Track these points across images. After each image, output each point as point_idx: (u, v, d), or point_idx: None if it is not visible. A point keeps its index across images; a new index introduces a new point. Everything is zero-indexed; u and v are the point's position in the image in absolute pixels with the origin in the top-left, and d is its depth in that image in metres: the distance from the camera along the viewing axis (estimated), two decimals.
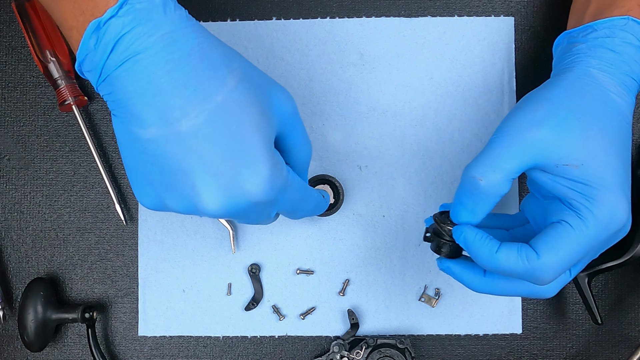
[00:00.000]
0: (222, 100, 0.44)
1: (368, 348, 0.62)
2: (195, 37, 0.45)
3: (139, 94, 0.43)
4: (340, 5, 0.66)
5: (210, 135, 0.44)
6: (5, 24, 0.66)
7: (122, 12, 0.43)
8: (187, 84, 0.43)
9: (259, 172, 0.45)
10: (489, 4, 0.65)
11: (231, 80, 0.45)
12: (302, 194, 0.51)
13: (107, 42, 0.43)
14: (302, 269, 0.65)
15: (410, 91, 0.65)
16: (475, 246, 0.49)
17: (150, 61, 0.43)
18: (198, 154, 0.44)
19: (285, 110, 0.50)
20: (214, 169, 0.44)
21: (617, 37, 0.52)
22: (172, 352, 0.65)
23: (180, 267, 0.65)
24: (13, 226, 0.66)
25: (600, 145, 0.48)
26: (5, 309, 0.65)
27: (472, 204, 0.49)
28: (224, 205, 0.45)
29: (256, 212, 0.48)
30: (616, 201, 0.47)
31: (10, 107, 0.66)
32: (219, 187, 0.45)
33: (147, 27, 0.43)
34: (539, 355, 0.65)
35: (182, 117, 0.43)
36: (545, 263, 0.47)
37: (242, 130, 0.45)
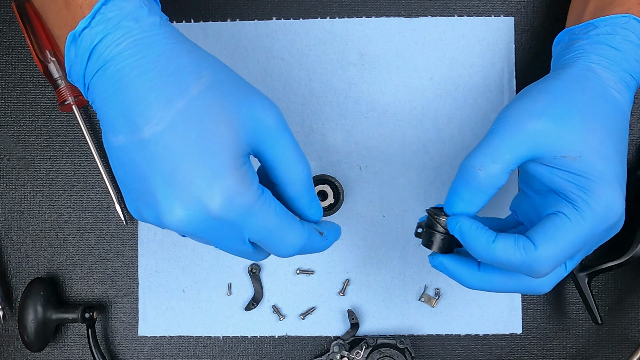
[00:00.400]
0: (183, 107, 0.43)
1: (368, 348, 0.62)
2: (165, 44, 0.44)
3: (108, 101, 0.44)
4: (340, 5, 0.66)
5: (169, 144, 0.43)
6: (5, 24, 0.66)
7: (95, 22, 0.43)
8: (150, 90, 0.43)
9: (217, 184, 0.43)
10: (489, 4, 0.65)
11: (196, 87, 0.44)
12: (278, 221, 0.45)
13: (82, 52, 0.44)
14: (302, 269, 0.65)
15: (410, 91, 0.65)
16: (472, 236, 0.48)
17: (117, 68, 0.43)
18: (158, 163, 0.43)
19: (264, 122, 0.45)
20: (172, 179, 0.43)
21: (619, 35, 0.52)
22: (172, 352, 0.65)
23: (180, 267, 0.65)
24: (13, 226, 0.66)
25: (599, 139, 0.48)
26: (5, 309, 0.65)
27: (469, 195, 0.49)
28: (183, 218, 0.43)
29: (221, 232, 0.44)
30: (613, 194, 0.47)
31: (10, 107, 0.66)
32: (177, 199, 0.43)
33: (117, 35, 0.43)
34: (539, 355, 0.65)
35: (144, 124, 0.43)
36: (543, 254, 0.46)
37: (202, 139, 0.43)
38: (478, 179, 0.48)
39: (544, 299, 0.64)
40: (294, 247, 0.47)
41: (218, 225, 0.44)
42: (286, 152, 0.47)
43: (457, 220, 0.49)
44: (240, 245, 0.46)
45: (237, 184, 0.43)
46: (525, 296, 0.64)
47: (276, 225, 0.45)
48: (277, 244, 0.46)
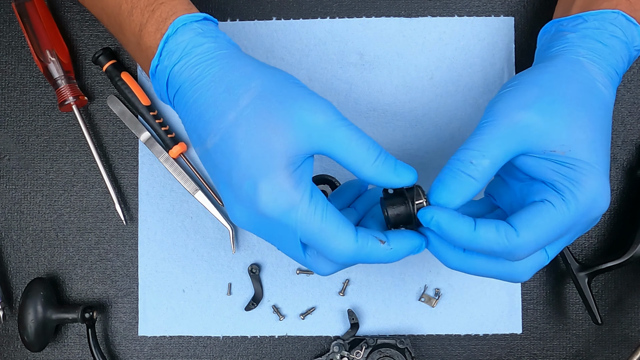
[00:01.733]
0: (233, 118, 0.47)
1: (368, 348, 0.62)
2: (218, 64, 0.49)
3: (184, 120, 0.51)
4: (340, 5, 0.66)
5: (224, 152, 0.47)
6: (5, 24, 0.66)
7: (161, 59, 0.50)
8: (208, 107, 0.48)
9: (261, 183, 0.46)
10: (489, 4, 0.65)
11: (244, 99, 0.47)
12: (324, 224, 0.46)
13: (161, 84, 0.51)
14: (302, 269, 0.65)
15: (410, 91, 0.65)
16: (451, 226, 0.47)
17: (183, 93, 0.50)
18: (219, 169, 0.48)
19: (314, 123, 0.47)
20: (230, 182, 0.47)
21: (607, 30, 0.52)
22: (172, 352, 0.65)
23: (180, 267, 0.65)
24: (13, 226, 0.66)
25: (586, 132, 0.48)
26: (5, 309, 0.65)
27: (457, 188, 0.48)
28: (241, 217, 0.48)
29: (275, 231, 0.47)
30: (600, 188, 0.47)
31: (10, 107, 0.66)
32: (234, 199, 0.48)
33: (179, 66, 0.50)
34: (539, 355, 0.65)
35: (206, 137, 0.48)
36: (524, 240, 0.46)
37: (250, 145, 0.47)
38: (468, 172, 0.48)
39: (544, 299, 0.65)
40: (343, 252, 0.47)
41: (269, 224, 0.47)
42: (344, 143, 0.47)
43: (431, 213, 0.47)
44: (294, 249, 0.48)
45: (281, 183, 0.46)
46: (525, 296, 0.64)
47: (322, 228, 0.46)
48: (325, 248, 0.47)
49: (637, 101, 0.65)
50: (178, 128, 0.66)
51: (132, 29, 0.52)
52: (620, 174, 0.65)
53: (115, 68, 0.64)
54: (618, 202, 0.65)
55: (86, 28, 0.66)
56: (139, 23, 0.51)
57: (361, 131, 0.48)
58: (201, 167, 0.65)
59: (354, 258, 0.47)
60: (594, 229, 0.65)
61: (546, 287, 0.65)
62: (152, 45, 0.51)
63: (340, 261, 0.47)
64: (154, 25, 0.50)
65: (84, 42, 0.66)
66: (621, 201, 0.65)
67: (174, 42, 0.50)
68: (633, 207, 0.64)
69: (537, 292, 0.65)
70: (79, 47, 0.66)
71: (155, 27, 0.50)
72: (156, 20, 0.50)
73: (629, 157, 0.65)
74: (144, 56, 0.52)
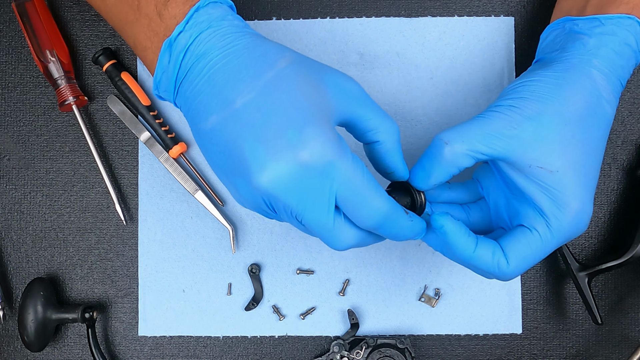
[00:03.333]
0: (272, 76, 0.46)
1: (368, 348, 0.62)
2: (250, 36, 0.49)
3: (201, 90, 0.48)
4: (340, 5, 0.66)
5: (260, 107, 0.45)
6: (5, 24, 0.66)
7: (188, 26, 0.48)
8: (241, 68, 0.47)
9: (308, 131, 0.44)
10: (489, 4, 0.65)
11: (282, 62, 0.47)
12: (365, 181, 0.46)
13: (177, 55, 0.49)
14: (302, 269, 0.65)
15: (411, 91, 0.65)
16: (455, 240, 0.49)
17: (209, 58, 0.48)
18: (249, 126, 0.45)
19: (350, 90, 0.48)
20: (263, 136, 0.45)
21: (621, 37, 0.52)
22: (172, 352, 0.65)
23: (180, 267, 0.65)
24: (13, 226, 0.66)
25: (578, 156, 0.49)
26: (5, 309, 0.65)
27: (429, 167, 0.50)
28: (273, 173, 0.44)
29: (309, 186, 0.45)
30: (583, 212, 0.49)
31: (10, 107, 0.66)
32: (267, 153, 0.44)
33: (208, 33, 0.48)
34: (539, 355, 0.65)
35: (236, 96, 0.46)
36: (513, 269, 0.49)
37: (293, 99, 0.45)
38: (442, 154, 0.49)
39: (544, 299, 0.65)
40: (379, 212, 0.46)
41: (308, 176, 0.45)
42: (375, 112, 0.49)
43: (443, 219, 0.49)
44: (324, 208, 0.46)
45: (327, 133, 0.45)
46: (526, 296, 0.64)
47: (364, 184, 0.46)
48: (363, 205, 0.46)
49: (637, 101, 0.65)
50: (178, 128, 0.66)
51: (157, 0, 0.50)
52: (620, 174, 0.65)
53: (115, 68, 0.64)
54: (618, 202, 0.65)
55: (86, 28, 0.66)
56: None
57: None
58: (201, 167, 0.65)
59: (385, 221, 0.47)
60: (594, 229, 0.65)
61: (546, 287, 0.65)
62: (178, 14, 0.49)
63: (372, 221, 0.47)
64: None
65: (84, 42, 0.66)
66: (621, 201, 0.65)
67: (205, 13, 0.49)
68: (633, 207, 0.64)
69: (537, 292, 0.65)
70: (79, 47, 0.66)
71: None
72: None
73: (629, 157, 0.65)
74: (162, 28, 0.49)
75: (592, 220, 0.65)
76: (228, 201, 0.65)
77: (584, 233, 0.64)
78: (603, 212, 0.65)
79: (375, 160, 0.52)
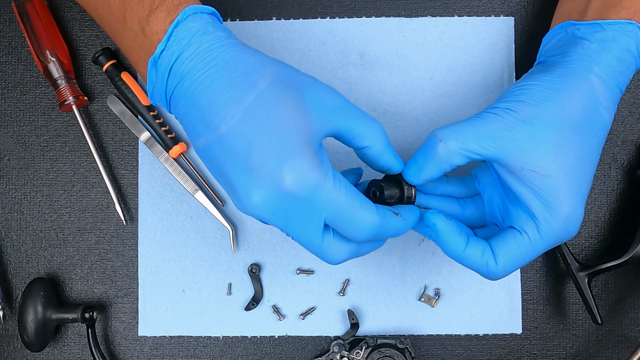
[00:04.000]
0: (253, 99, 0.47)
1: (368, 348, 0.62)
2: (231, 51, 0.49)
3: (188, 110, 0.48)
4: (340, 5, 0.66)
5: (243, 133, 0.46)
6: (5, 24, 0.66)
7: (169, 44, 0.49)
8: (223, 91, 0.47)
9: (289, 161, 0.45)
10: (489, 4, 0.65)
11: (263, 82, 0.47)
12: (350, 199, 0.47)
13: (162, 72, 0.49)
14: (302, 269, 0.65)
15: (410, 91, 0.65)
16: (447, 238, 0.51)
17: (192, 79, 0.48)
18: (235, 153, 0.46)
19: (330, 103, 0.49)
20: (248, 164, 0.46)
21: (622, 43, 0.52)
22: (172, 352, 0.65)
23: (180, 267, 0.65)
24: (13, 226, 0.66)
25: (571, 161, 0.50)
26: (5, 309, 0.65)
27: (422, 162, 0.51)
28: (260, 200, 0.46)
29: (296, 212, 0.46)
30: (574, 217, 0.50)
31: (10, 107, 0.66)
32: (253, 181, 0.46)
33: (189, 51, 0.48)
34: (539, 355, 0.65)
35: (220, 122, 0.47)
36: (501, 269, 0.51)
37: (273, 124, 0.46)
38: (435, 150, 0.50)
39: (544, 299, 0.65)
40: (369, 226, 0.48)
41: (293, 203, 0.46)
42: (358, 119, 0.50)
43: (435, 218, 0.51)
44: (313, 230, 0.47)
45: (308, 160, 0.46)
46: (525, 296, 0.64)
47: (349, 203, 0.47)
48: (351, 223, 0.47)
49: (637, 101, 0.65)
50: (178, 128, 0.66)
51: (140, 14, 0.50)
52: (620, 174, 0.65)
53: (115, 68, 0.64)
54: (618, 202, 0.65)
55: (86, 28, 0.66)
56: (149, 8, 0.50)
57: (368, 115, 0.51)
58: (201, 167, 0.65)
59: (377, 231, 0.48)
60: (594, 229, 0.65)
61: (546, 287, 0.65)
62: (159, 30, 0.49)
63: (363, 236, 0.48)
64: (165, 11, 0.49)
65: (84, 42, 0.66)
66: (621, 201, 0.65)
67: (185, 28, 0.49)
68: (633, 207, 0.64)
69: (537, 292, 0.65)
70: (79, 47, 0.66)
71: (166, 12, 0.49)
72: (167, 6, 0.49)
73: (629, 157, 0.65)
74: (147, 44, 0.50)
75: (592, 220, 0.65)
76: (228, 201, 0.65)
77: (584, 233, 0.64)
78: (603, 212, 0.65)
79: (369, 162, 0.52)
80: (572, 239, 0.65)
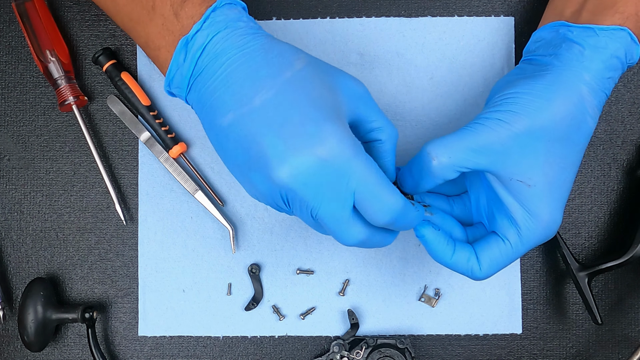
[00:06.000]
0: (290, 76, 0.48)
1: (368, 348, 0.62)
2: (265, 37, 0.51)
3: (217, 87, 0.49)
4: (340, 5, 0.66)
5: (279, 105, 0.47)
6: (5, 24, 0.66)
7: (205, 25, 0.50)
8: (260, 68, 0.48)
9: (327, 127, 0.46)
10: (489, 4, 0.65)
11: (298, 63, 0.49)
12: (380, 177, 0.48)
13: (194, 53, 0.50)
14: (302, 269, 0.65)
15: (410, 91, 0.65)
16: (435, 247, 0.53)
17: (227, 57, 0.49)
18: (268, 122, 0.47)
19: (357, 91, 0.51)
20: (282, 132, 0.46)
21: (612, 50, 0.53)
22: (172, 352, 0.65)
23: (180, 267, 0.65)
24: (13, 226, 0.66)
25: (556, 171, 0.51)
26: (5, 309, 0.65)
27: (418, 176, 0.52)
28: (293, 168, 0.46)
29: (327, 182, 0.46)
30: (553, 223, 0.52)
31: (10, 107, 0.66)
32: (287, 147, 0.46)
33: (225, 32, 0.50)
34: (539, 355, 0.65)
35: (254, 95, 0.48)
36: (484, 273, 0.53)
37: (310, 98, 0.47)
38: (430, 167, 0.51)
39: (544, 299, 0.65)
40: (392, 208, 0.48)
41: (327, 171, 0.46)
42: (380, 114, 0.53)
43: (424, 230, 0.53)
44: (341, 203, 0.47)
45: (345, 131, 0.47)
46: (526, 296, 0.64)
47: (379, 181, 0.47)
48: (379, 201, 0.47)
49: (637, 101, 0.65)
50: (178, 128, 0.66)
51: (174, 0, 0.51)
52: (620, 174, 0.65)
53: (115, 68, 0.64)
54: (618, 202, 0.65)
55: (86, 28, 0.66)
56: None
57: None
58: (201, 167, 0.65)
59: (398, 216, 0.48)
60: (594, 229, 0.65)
61: (546, 287, 0.65)
62: (195, 14, 0.50)
63: (385, 219, 0.48)
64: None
65: (84, 42, 0.66)
66: (621, 201, 0.65)
67: (221, 13, 0.50)
68: (633, 207, 0.64)
69: (537, 292, 0.65)
70: (79, 47, 0.66)
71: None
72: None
73: (629, 157, 0.65)
74: (178, 27, 0.51)
75: (592, 220, 0.65)
76: (228, 201, 0.65)
77: (584, 233, 0.65)
78: (603, 212, 0.65)
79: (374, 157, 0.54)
80: (572, 239, 0.65)
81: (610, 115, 0.65)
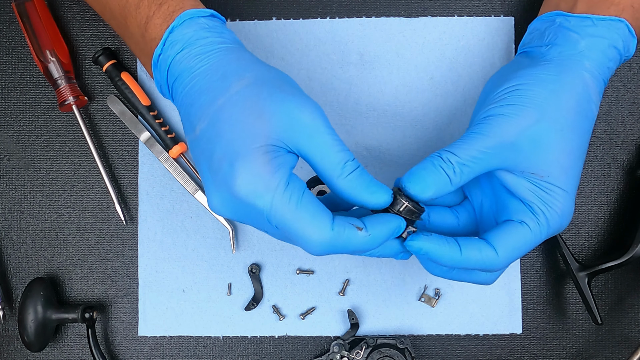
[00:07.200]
0: (222, 103, 0.48)
1: (368, 348, 0.62)
2: (217, 56, 0.50)
3: (179, 107, 0.51)
4: (340, 5, 0.66)
5: (209, 137, 0.48)
6: (5, 24, 0.66)
7: (165, 48, 0.51)
8: (201, 94, 0.49)
9: (239, 167, 0.45)
10: (489, 4, 0.65)
11: (236, 86, 0.48)
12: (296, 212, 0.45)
13: (162, 73, 0.52)
14: (302, 269, 0.65)
15: (410, 91, 0.65)
16: (438, 253, 0.48)
17: (181, 80, 0.50)
18: (203, 155, 0.48)
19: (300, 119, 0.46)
20: (211, 167, 0.47)
21: (611, 40, 0.52)
22: (172, 352, 0.65)
23: (180, 267, 0.65)
24: (13, 226, 0.66)
25: (568, 160, 0.50)
26: (5, 309, 0.65)
27: (433, 182, 0.48)
28: (218, 202, 0.47)
29: (252, 216, 0.46)
30: (567, 212, 0.51)
31: (10, 107, 0.66)
32: (213, 183, 0.47)
33: (181, 55, 0.50)
34: (539, 355, 0.65)
35: (196, 123, 0.49)
36: (502, 260, 0.49)
37: (233, 129, 0.47)
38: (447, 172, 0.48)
39: (544, 299, 0.65)
40: (318, 242, 0.45)
41: (246, 208, 0.46)
42: (324, 148, 0.47)
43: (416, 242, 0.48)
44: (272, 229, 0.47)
45: (258, 166, 0.45)
46: (525, 296, 0.64)
47: (296, 216, 0.45)
48: (298, 237, 0.46)
49: (637, 101, 0.65)
50: (178, 128, 0.66)
51: (138, 21, 0.53)
52: (620, 174, 0.65)
53: (115, 68, 0.64)
54: (618, 202, 0.65)
55: (86, 28, 0.66)
56: (146, 16, 0.52)
57: (343, 143, 0.48)
58: None
59: (330, 248, 0.46)
60: (594, 229, 0.65)
61: (546, 287, 0.65)
62: (157, 36, 0.52)
63: (315, 252, 0.46)
64: (161, 18, 0.51)
65: (84, 42, 0.66)
66: (621, 201, 0.65)
67: (179, 33, 0.51)
68: (633, 207, 0.64)
69: (537, 292, 0.65)
70: (79, 47, 0.66)
71: (162, 19, 0.51)
72: (163, 13, 0.52)
73: (629, 157, 0.65)
74: (147, 48, 0.53)
75: (592, 220, 0.65)
76: None
77: (584, 233, 0.65)
78: (603, 212, 0.65)
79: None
80: (572, 239, 0.65)
81: (610, 115, 0.65)
